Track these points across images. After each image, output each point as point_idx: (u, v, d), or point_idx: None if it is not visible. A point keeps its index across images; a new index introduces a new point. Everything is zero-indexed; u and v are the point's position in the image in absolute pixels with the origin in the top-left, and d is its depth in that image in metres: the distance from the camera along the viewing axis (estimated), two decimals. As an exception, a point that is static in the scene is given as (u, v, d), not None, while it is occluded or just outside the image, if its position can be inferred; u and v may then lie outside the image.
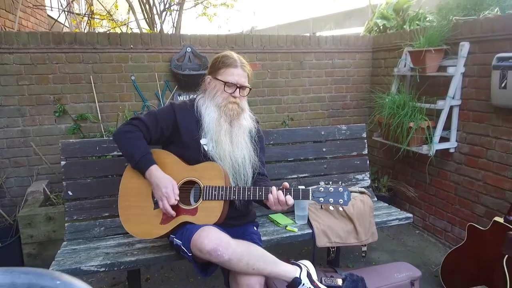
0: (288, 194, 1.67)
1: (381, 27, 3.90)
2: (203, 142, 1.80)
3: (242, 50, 3.33)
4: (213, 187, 1.70)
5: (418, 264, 2.68)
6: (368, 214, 2.24)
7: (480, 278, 2.17)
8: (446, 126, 2.80)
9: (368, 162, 2.72)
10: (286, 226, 2.19)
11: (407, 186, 3.36)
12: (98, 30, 6.14)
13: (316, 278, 1.66)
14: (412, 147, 2.93)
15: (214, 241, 1.52)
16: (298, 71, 3.67)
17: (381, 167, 3.78)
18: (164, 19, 4.81)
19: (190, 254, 1.59)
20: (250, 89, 1.87)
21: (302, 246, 2.95)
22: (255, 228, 1.94)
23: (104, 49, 3.10)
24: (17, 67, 2.92)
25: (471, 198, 2.76)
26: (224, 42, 3.39)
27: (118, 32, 4.64)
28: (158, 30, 4.68)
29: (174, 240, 1.70)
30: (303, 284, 1.60)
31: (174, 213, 1.71)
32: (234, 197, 1.70)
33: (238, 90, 1.80)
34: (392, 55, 3.56)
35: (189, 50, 3.26)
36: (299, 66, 3.66)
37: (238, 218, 1.86)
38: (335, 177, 2.62)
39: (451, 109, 2.79)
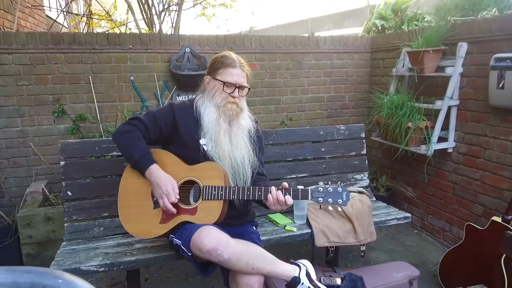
0: (287, 194, 1.67)
1: (379, 28, 3.91)
2: (203, 142, 1.80)
3: (241, 51, 3.34)
4: (212, 187, 1.70)
5: (417, 263, 2.69)
6: (366, 213, 2.25)
7: (478, 277, 2.18)
8: (444, 126, 2.81)
9: (366, 162, 2.72)
10: (285, 226, 2.19)
11: (406, 186, 3.37)
12: (97, 30, 6.13)
13: (315, 278, 1.67)
14: (410, 147, 2.94)
15: (214, 240, 1.52)
16: (296, 71, 3.68)
17: (379, 167, 3.79)
18: (163, 20, 4.82)
19: (189, 253, 1.59)
20: (249, 89, 1.88)
21: (301, 245, 2.96)
22: (254, 227, 1.95)
23: (103, 49, 3.10)
24: (16, 68, 2.92)
25: (469, 198, 2.78)
26: (223, 43, 3.39)
27: (117, 32, 4.65)
28: (157, 30, 4.68)
29: (174, 240, 1.70)
30: (302, 283, 1.60)
31: (174, 210, 1.71)
32: (233, 197, 1.71)
33: (237, 90, 1.81)
34: (390, 56, 3.57)
35: (188, 50, 3.26)
36: (298, 67, 3.67)
37: (238, 218, 1.86)
38: (334, 177, 2.63)
39: (449, 109, 2.80)
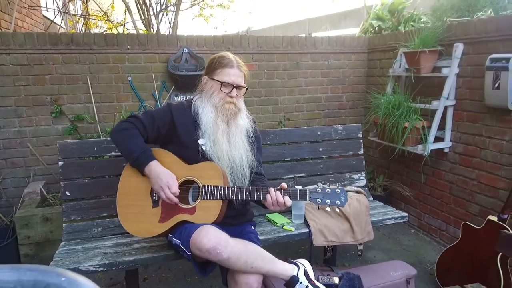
0: (286, 195, 1.68)
1: (376, 28, 3.93)
2: (201, 142, 1.81)
3: (238, 51, 3.34)
4: (211, 187, 1.71)
5: (414, 262, 2.71)
6: (364, 213, 2.26)
7: (474, 276, 2.20)
8: (440, 126, 2.83)
9: (364, 162, 2.74)
10: (283, 226, 2.20)
11: (403, 185, 3.39)
12: (94, 31, 6.13)
13: (313, 277, 1.69)
14: (407, 147, 2.96)
15: (213, 239, 1.53)
16: (294, 72, 3.69)
17: (376, 167, 3.81)
18: (160, 20, 4.83)
19: (189, 253, 1.60)
20: (246, 89, 1.89)
21: (299, 245, 2.97)
22: (253, 227, 1.96)
23: (101, 49, 3.10)
24: (13, 68, 2.92)
25: (466, 197, 2.80)
26: (220, 43, 3.40)
27: (114, 33, 4.65)
28: (155, 31, 4.69)
29: (173, 239, 1.71)
30: (301, 282, 1.62)
31: (177, 200, 1.71)
32: (232, 196, 1.71)
33: (234, 90, 1.82)
34: (387, 56, 3.59)
35: (185, 50, 3.27)
36: (295, 67, 3.68)
37: (236, 217, 1.87)
38: (332, 176, 2.64)
39: (446, 109, 2.82)
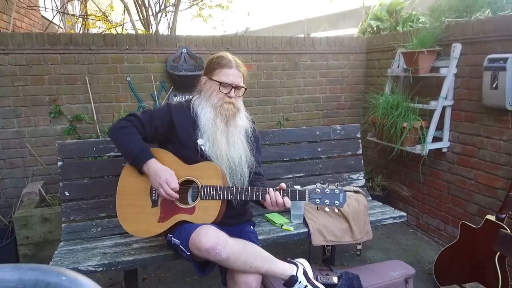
0: (285, 195, 1.69)
1: (374, 28, 3.94)
2: (200, 142, 1.81)
3: (237, 51, 3.35)
4: (211, 187, 1.71)
5: (412, 262, 2.71)
6: (363, 213, 2.27)
7: (472, 275, 2.20)
8: (439, 126, 2.84)
9: (362, 162, 2.75)
10: (282, 225, 2.21)
11: (401, 185, 3.40)
12: (92, 31, 6.13)
13: (312, 276, 1.69)
14: (405, 147, 2.96)
15: (212, 239, 1.53)
16: (293, 72, 3.70)
17: (375, 167, 3.81)
18: (159, 20, 4.83)
19: (188, 253, 1.60)
20: (245, 89, 1.90)
21: (298, 245, 2.98)
22: (252, 227, 1.96)
23: (99, 50, 3.10)
24: (12, 68, 2.92)
25: (464, 197, 2.81)
26: (219, 43, 3.40)
27: (113, 33, 4.65)
28: (154, 31, 4.69)
29: (172, 239, 1.71)
30: (300, 282, 1.62)
31: (177, 195, 1.71)
32: (231, 197, 1.72)
33: (233, 90, 1.82)
34: (385, 56, 3.60)
35: (184, 51, 3.27)
36: (294, 67, 3.69)
37: (235, 217, 1.88)
38: (330, 176, 2.65)
39: (444, 109, 2.83)
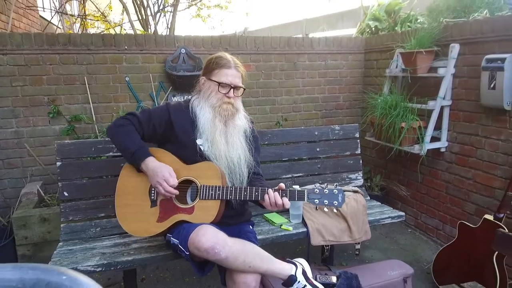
0: (284, 196, 1.69)
1: (373, 29, 3.95)
2: (199, 142, 1.82)
3: (236, 51, 3.35)
4: (210, 187, 1.72)
5: (411, 261, 2.72)
6: (361, 212, 2.27)
7: (471, 274, 2.21)
8: (437, 126, 2.85)
9: (361, 162, 2.75)
10: (281, 225, 2.21)
11: (399, 185, 3.41)
12: (90, 31, 6.12)
13: (311, 276, 1.69)
14: (404, 147, 2.97)
15: (211, 239, 1.53)
16: (291, 72, 3.70)
17: (373, 167, 3.82)
18: (158, 20, 4.82)
19: (187, 253, 1.60)
20: (244, 89, 1.90)
21: (297, 244, 2.98)
22: (251, 227, 1.97)
23: (98, 50, 3.10)
24: (10, 68, 2.91)
25: (462, 197, 2.82)
26: (218, 43, 3.41)
27: (112, 33, 4.64)
28: (152, 31, 4.69)
29: (171, 239, 1.71)
30: (299, 281, 1.63)
31: (176, 191, 1.71)
32: (230, 197, 1.72)
33: (232, 90, 1.83)
34: (384, 57, 3.60)
35: (183, 51, 3.27)
36: (293, 67, 3.69)
37: (234, 217, 1.88)
38: (329, 176, 2.66)
39: (442, 109, 2.84)
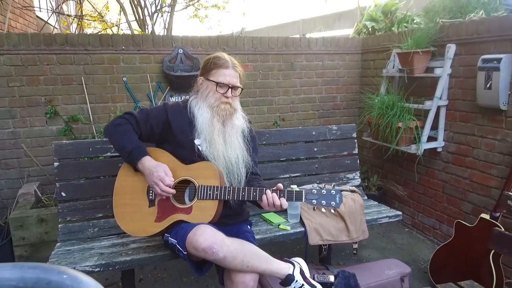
0: (282, 196, 1.69)
1: (370, 29, 3.97)
2: (197, 142, 1.82)
3: (233, 52, 3.36)
4: (208, 187, 1.72)
5: (408, 261, 2.73)
6: (359, 212, 2.28)
7: (467, 273, 2.22)
8: (433, 126, 2.87)
9: (358, 162, 2.76)
10: (279, 225, 2.21)
11: (396, 185, 3.42)
12: (87, 31, 6.11)
13: (308, 275, 1.70)
14: (401, 147, 2.99)
15: (209, 239, 1.54)
16: (289, 72, 3.71)
17: (371, 167, 3.84)
18: (155, 21, 4.82)
19: (185, 252, 1.61)
20: (242, 89, 1.90)
21: (295, 244, 2.99)
22: (249, 226, 1.97)
23: (95, 50, 3.09)
24: (7, 69, 2.90)
25: (458, 196, 2.83)
26: (215, 44, 3.41)
27: (109, 33, 4.64)
28: (150, 31, 4.68)
29: (169, 239, 1.72)
30: (296, 281, 1.63)
31: (173, 191, 1.71)
32: (228, 197, 1.72)
33: (230, 90, 1.83)
34: (381, 57, 3.62)
35: (181, 51, 3.27)
36: (290, 68, 3.70)
37: (232, 217, 1.88)
38: (326, 176, 2.66)
39: (438, 109, 2.85)
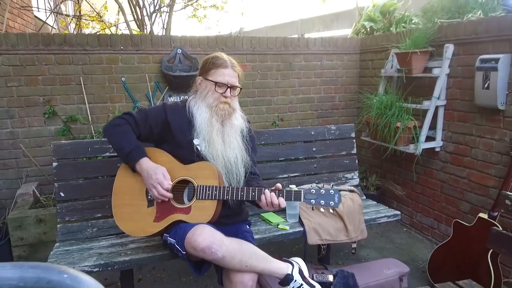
0: (280, 196, 1.69)
1: (368, 29, 3.97)
2: (196, 142, 1.82)
3: (232, 52, 3.36)
4: (207, 187, 1.72)
5: (406, 260, 2.74)
6: (357, 212, 2.29)
7: (466, 272, 2.23)
8: (432, 125, 2.87)
9: (356, 161, 2.77)
10: (278, 225, 2.22)
11: (395, 184, 3.43)
12: (86, 31, 6.10)
13: (307, 275, 1.70)
14: (399, 147, 2.99)
15: (208, 238, 1.54)
16: (287, 72, 3.71)
17: (369, 166, 3.84)
18: (154, 21, 4.81)
19: (184, 252, 1.61)
20: (240, 89, 1.91)
21: (294, 244, 2.99)
22: (248, 226, 1.97)
23: (94, 50, 3.09)
24: (5, 69, 2.90)
25: (457, 196, 2.84)
26: (214, 44, 3.41)
27: (108, 33, 4.63)
28: (148, 31, 4.68)
29: (168, 239, 1.72)
30: (295, 280, 1.63)
31: (170, 195, 1.71)
32: (227, 197, 1.72)
33: (229, 90, 1.83)
34: (379, 57, 3.62)
35: (179, 51, 3.27)
36: (289, 68, 3.70)
37: (231, 217, 1.88)
38: (325, 176, 2.67)
39: (437, 109, 2.86)
